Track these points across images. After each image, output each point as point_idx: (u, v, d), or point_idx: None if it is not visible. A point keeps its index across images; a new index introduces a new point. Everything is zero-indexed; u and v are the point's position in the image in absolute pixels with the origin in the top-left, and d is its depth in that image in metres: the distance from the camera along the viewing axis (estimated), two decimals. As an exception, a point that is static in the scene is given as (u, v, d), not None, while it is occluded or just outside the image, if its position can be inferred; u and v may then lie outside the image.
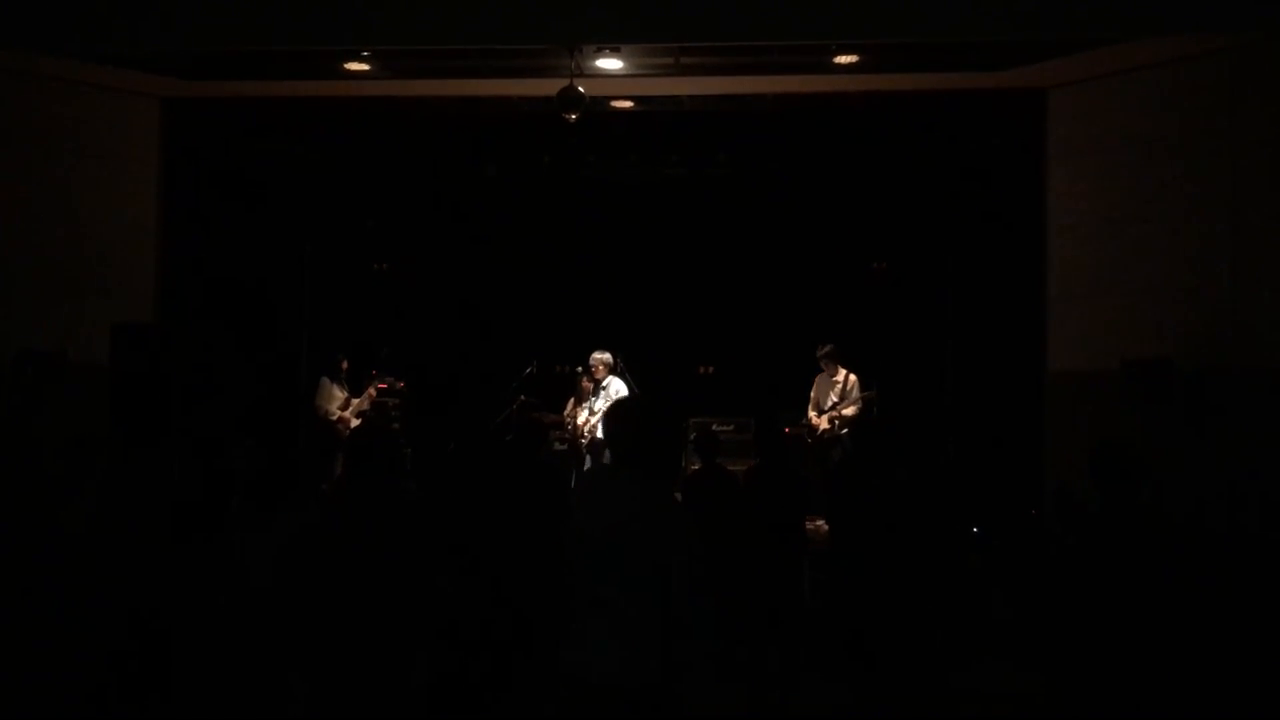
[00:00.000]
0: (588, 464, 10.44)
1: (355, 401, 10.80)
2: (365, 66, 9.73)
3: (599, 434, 10.43)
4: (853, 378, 10.71)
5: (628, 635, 3.44)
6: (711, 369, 11.71)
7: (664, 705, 3.48)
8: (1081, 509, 8.28)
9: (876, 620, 4.80)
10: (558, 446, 10.44)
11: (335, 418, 10.63)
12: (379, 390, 11.12)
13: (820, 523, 8.72)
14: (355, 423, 10.63)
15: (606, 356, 10.64)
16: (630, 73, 9.81)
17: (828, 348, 10.83)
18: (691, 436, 10.32)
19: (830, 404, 10.59)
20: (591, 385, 10.70)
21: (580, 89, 8.97)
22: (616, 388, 10.66)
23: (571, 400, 10.95)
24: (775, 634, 6.21)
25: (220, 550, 5.12)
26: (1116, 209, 9.66)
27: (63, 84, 9.89)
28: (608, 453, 10.18)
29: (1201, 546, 7.79)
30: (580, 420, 10.66)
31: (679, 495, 7.19)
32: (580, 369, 10.89)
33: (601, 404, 10.48)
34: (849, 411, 10.50)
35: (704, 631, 4.71)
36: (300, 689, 5.01)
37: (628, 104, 10.79)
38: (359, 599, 4.73)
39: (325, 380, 10.85)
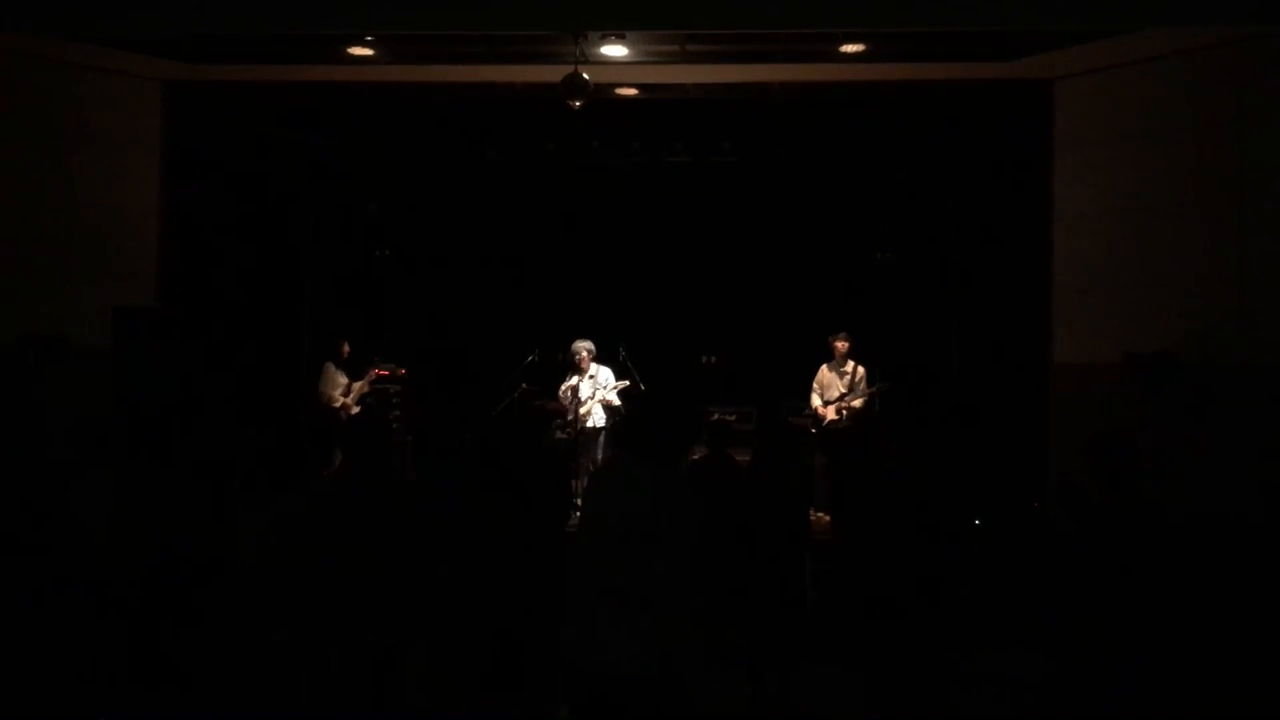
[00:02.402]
0: (599, 454, 10.42)
1: (356, 386, 10.78)
2: (369, 51, 9.70)
3: (589, 424, 10.43)
4: (861, 370, 10.67)
5: (641, 625, 3.41)
6: (714, 359, 11.68)
7: (674, 695, 3.46)
8: (1084, 500, 8.28)
9: (881, 609, 4.78)
10: (560, 435, 10.42)
11: (339, 404, 10.60)
12: (379, 376, 11.09)
13: (822, 514, 8.73)
14: (356, 410, 10.59)
15: (589, 345, 10.63)
16: (635, 60, 9.78)
17: (844, 336, 10.75)
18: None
19: (838, 395, 10.54)
20: (579, 374, 10.70)
21: (585, 76, 8.93)
22: (605, 376, 10.64)
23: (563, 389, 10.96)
24: (776, 623, 6.18)
25: (219, 534, 5.12)
26: (1122, 201, 9.63)
27: (65, 67, 9.86)
28: (600, 444, 10.25)
29: (1196, 539, 7.80)
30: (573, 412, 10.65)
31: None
32: (562, 358, 10.89)
33: (588, 392, 10.44)
34: (857, 404, 10.46)
35: (710, 620, 4.71)
36: (302, 675, 5.01)
37: (633, 91, 10.75)
38: (355, 585, 4.72)
39: (329, 366, 10.81)
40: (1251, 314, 8.89)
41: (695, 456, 7.18)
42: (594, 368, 10.69)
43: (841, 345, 10.69)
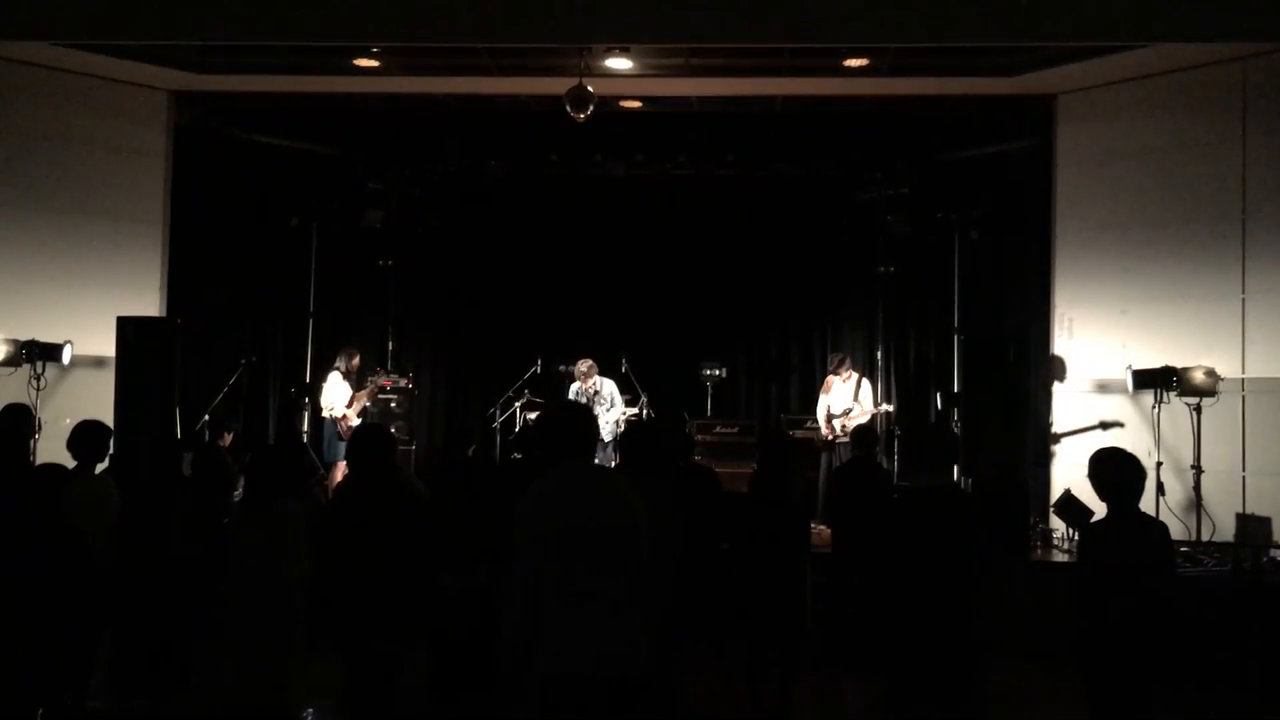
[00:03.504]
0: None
1: (358, 396, 10.76)
2: (375, 63, 9.74)
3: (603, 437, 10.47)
4: (865, 383, 10.70)
5: (616, 625, 3.44)
6: (717, 371, 11.67)
7: (655, 695, 3.47)
8: (1086, 516, 8.29)
9: (883, 621, 4.79)
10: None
11: (341, 415, 10.58)
12: (383, 387, 11.09)
13: (822, 527, 8.72)
14: (357, 420, 10.56)
15: (590, 363, 10.73)
16: (639, 73, 9.82)
17: (838, 358, 10.86)
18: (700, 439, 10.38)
19: (842, 409, 10.56)
20: (581, 390, 10.75)
21: (589, 88, 8.96)
22: (609, 390, 10.69)
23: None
24: (776, 635, 6.20)
25: (218, 540, 5.14)
26: (1124, 215, 9.65)
27: (74, 76, 9.91)
28: (605, 456, 10.28)
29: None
30: None
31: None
32: (564, 368, 10.92)
33: (600, 409, 10.48)
34: (863, 419, 10.45)
35: (687, 618, 4.71)
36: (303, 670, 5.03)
37: (636, 104, 10.78)
38: (360, 591, 4.74)
39: (335, 376, 10.79)
40: (1255, 327, 8.90)
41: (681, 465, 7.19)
42: (598, 381, 10.72)
43: (834, 364, 10.83)
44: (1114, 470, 4.56)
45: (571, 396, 10.82)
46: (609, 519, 3.55)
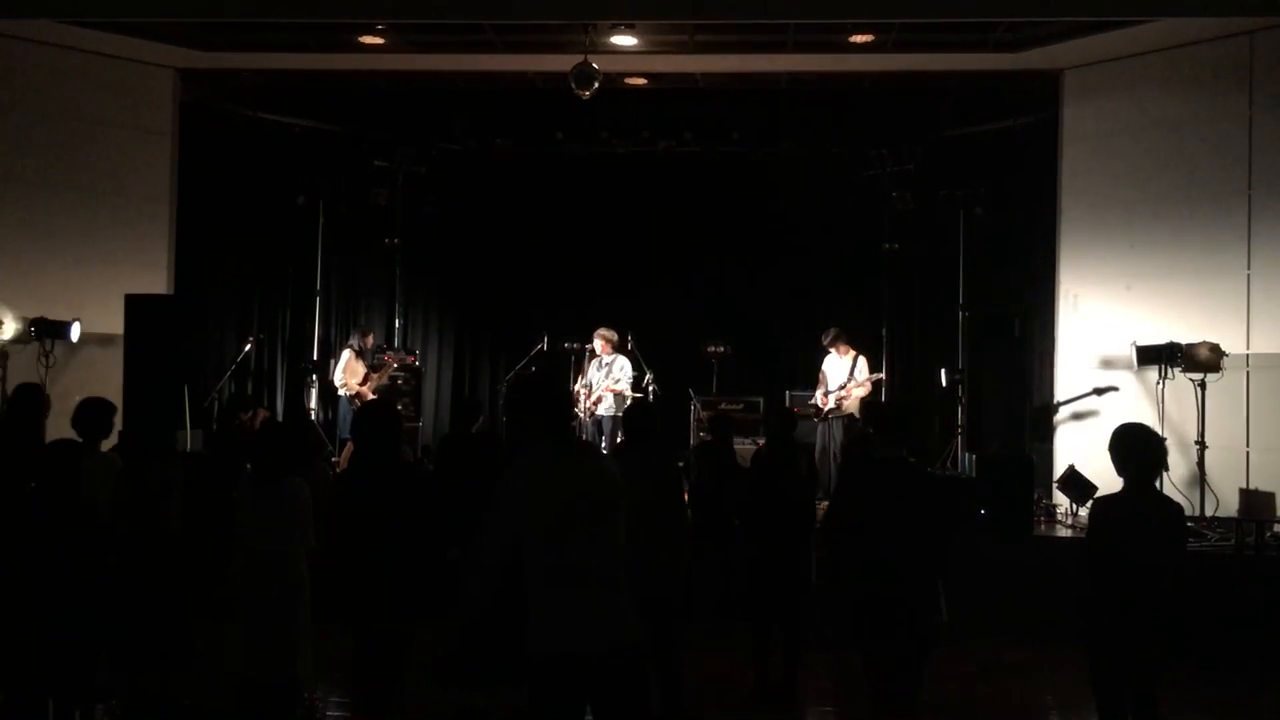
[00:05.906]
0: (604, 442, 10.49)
1: (373, 377, 10.81)
2: (380, 40, 9.75)
3: (599, 410, 10.53)
4: (861, 359, 10.73)
5: (591, 603, 3.45)
6: (721, 348, 11.69)
7: (636, 671, 3.48)
8: (1090, 491, 8.32)
9: (883, 594, 4.82)
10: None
11: (354, 392, 10.63)
12: (391, 365, 11.13)
13: (825, 503, 8.77)
14: (372, 398, 10.61)
15: (610, 334, 10.71)
16: (644, 50, 9.82)
17: (832, 331, 10.88)
18: (705, 415, 10.40)
19: (839, 384, 10.60)
20: (596, 362, 10.77)
21: (594, 65, 8.96)
22: (621, 365, 10.70)
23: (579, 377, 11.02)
24: (782, 611, 6.24)
25: (227, 517, 5.18)
26: (1129, 191, 9.64)
27: (81, 54, 9.92)
28: (609, 431, 10.31)
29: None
30: (584, 399, 10.70)
31: (681, 465, 7.22)
32: (588, 346, 10.94)
33: (602, 380, 10.56)
34: (860, 392, 10.51)
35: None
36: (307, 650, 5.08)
37: (641, 81, 10.78)
38: (369, 566, 4.78)
39: (349, 354, 10.84)
40: (1259, 305, 8.90)
41: (701, 442, 7.23)
42: (611, 357, 10.73)
43: (827, 339, 10.85)
44: (1134, 446, 4.56)
45: (589, 366, 10.83)
46: (599, 498, 3.55)
